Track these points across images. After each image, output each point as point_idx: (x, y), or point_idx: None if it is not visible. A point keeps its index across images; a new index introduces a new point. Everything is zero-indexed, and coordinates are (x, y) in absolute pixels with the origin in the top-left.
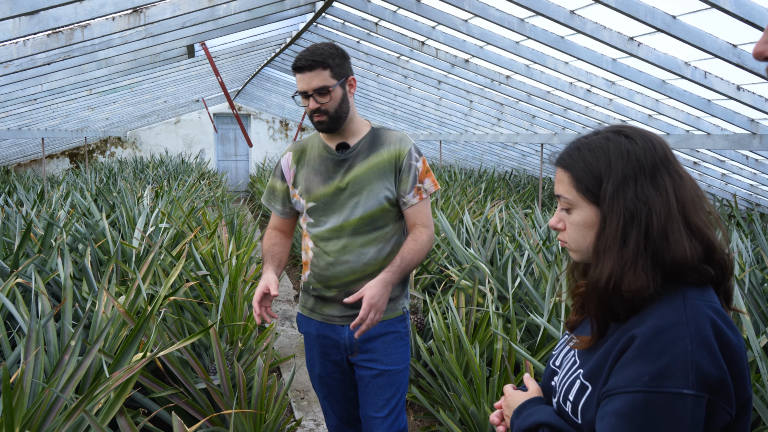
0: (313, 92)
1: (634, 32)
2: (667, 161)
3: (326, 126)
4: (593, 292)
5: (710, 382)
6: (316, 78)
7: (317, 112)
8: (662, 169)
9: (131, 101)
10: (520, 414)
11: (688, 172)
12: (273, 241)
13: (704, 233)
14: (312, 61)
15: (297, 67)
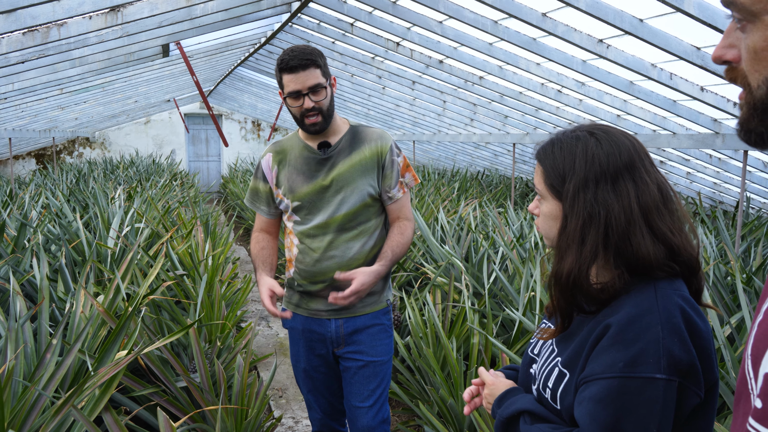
0: (309, 91)
1: (604, 35)
2: (632, 167)
3: (320, 126)
4: (555, 285)
5: (681, 366)
6: (311, 77)
7: (312, 112)
8: (626, 175)
9: (102, 101)
10: (502, 403)
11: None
12: (261, 245)
13: (668, 238)
14: (306, 60)
15: (291, 66)
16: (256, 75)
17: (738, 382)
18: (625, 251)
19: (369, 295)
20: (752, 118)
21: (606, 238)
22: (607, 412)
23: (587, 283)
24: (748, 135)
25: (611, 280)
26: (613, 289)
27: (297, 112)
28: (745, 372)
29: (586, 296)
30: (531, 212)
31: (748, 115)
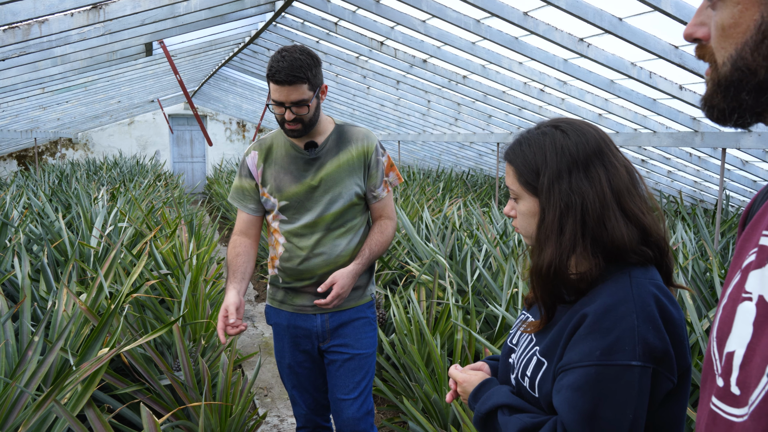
0: (291, 104)
1: (584, 33)
2: (600, 153)
3: (299, 133)
4: (537, 278)
5: (655, 353)
6: (295, 92)
7: (292, 122)
8: (596, 161)
9: (84, 101)
10: (478, 398)
11: (628, 160)
12: (237, 251)
13: (639, 219)
14: (292, 77)
15: (277, 80)
16: (240, 75)
17: (704, 364)
18: (601, 237)
19: (354, 289)
20: (716, 95)
21: (583, 225)
22: (585, 399)
23: (567, 273)
24: (711, 111)
25: (589, 269)
26: (591, 277)
27: (279, 118)
28: (710, 353)
29: (567, 286)
30: (507, 215)
31: (712, 91)
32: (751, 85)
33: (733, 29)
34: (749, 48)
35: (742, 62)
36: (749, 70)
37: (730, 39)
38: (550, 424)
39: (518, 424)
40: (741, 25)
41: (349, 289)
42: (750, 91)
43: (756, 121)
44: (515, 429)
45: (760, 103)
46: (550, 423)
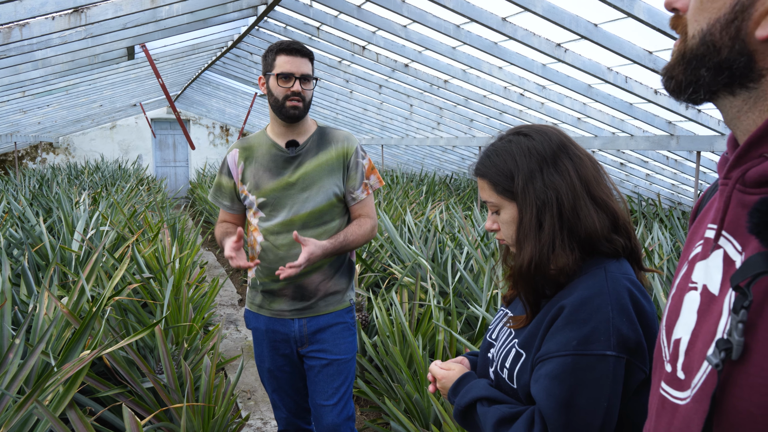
0: (301, 76)
1: (561, 39)
2: (564, 147)
3: (300, 112)
4: (519, 276)
5: (629, 344)
6: (306, 65)
7: (296, 97)
8: (562, 155)
9: (66, 104)
10: (457, 392)
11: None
12: (226, 230)
13: (608, 204)
14: (306, 50)
15: (293, 49)
16: (224, 79)
17: (655, 352)
18: (576, 227)
19: (332, 294)
20: (678, 65)
21: (560, 218)
22: (562, 388)
23: (548, 268)
24: (669, 81)
25: (566, 264)
26: (570, 270)
27: (282, 94)
28: (660, 341)
29: (547, 281)
30: (490, 230)
31: (675, 62)
32: (712, 62)
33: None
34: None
35: (710, 38)
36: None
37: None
38: (528, 413)
39: (497, 414)
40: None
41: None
42: (710, 68)
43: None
44: (494, 419)
45: (716, 81)
46: (528, 412)
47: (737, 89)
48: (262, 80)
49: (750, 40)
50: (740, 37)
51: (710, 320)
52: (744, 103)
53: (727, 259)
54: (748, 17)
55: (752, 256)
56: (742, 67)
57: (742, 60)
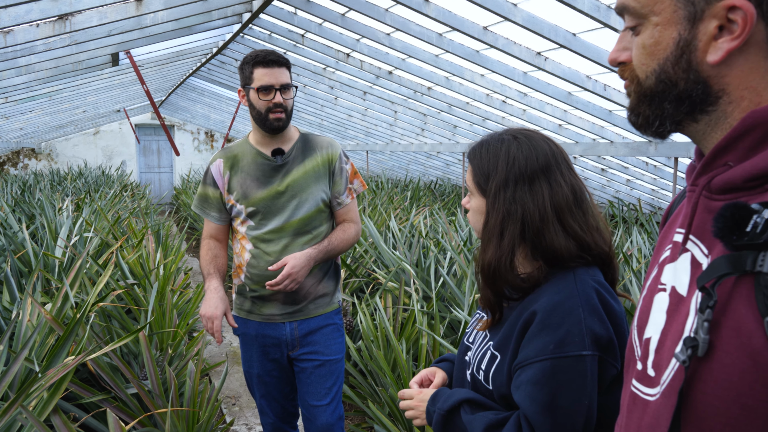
0: (281, 87)
1: (541, 47)
2: (547, 170)
3: (283, 123)
4: (481, 275)
5: (601, 342)
6: (284, 74)
7: (278, 108)
8: (541, 177)
9: (49, 110)
10: (438, 399)
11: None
12: (214, 253)
13: (578, 235)
14: (282, 59)
15: (269, 60)
16: (208, 85)
17: (627, 351)
18: (540, 245)
19: (321, 296)
20: (642, 103)
21: (522, 233)
22: (544, 392)
23: (510, 273)
24: (637, 118)
25: (533, 271)
26: (535, 279)
27: (264, 107)
28: (632, 341)
29: (510, 285)
30: (464, 206)
31: (637, 102)
32: (672, 95)
33: (655, 47)
34: (670, 62)
35: (664, 75)
36: (671, 81)
37: (652, 56)
38: (514, 418)
39: (484, 422)
40: (661, 42)
41: (303, 273)
42: (671, 101)
43: (674, 130)
44: (482, 426)
45: (679, 111)
46: (514, 417)
47: (698, 115)
48: (242, 92)
49: (702, 68)
50: (693, 68)
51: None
52: (707, 126)
53: (694, 262)
54: (694, 49)
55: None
56: (700, 93)
57: (699, 87)
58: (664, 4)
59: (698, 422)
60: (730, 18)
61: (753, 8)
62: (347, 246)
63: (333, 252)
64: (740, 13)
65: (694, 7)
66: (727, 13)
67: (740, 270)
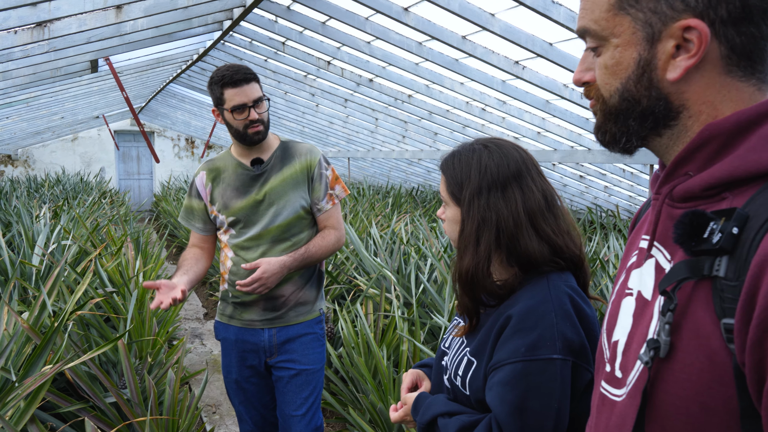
0: (253, 103)
1: (519, 56)
2: (519, 177)
3: (262, 135)
4: (458, 283)
5: (573, 346)
6: (254, 90)
7: (256, 123)
8: (513, 184)
9: (26, 117)
10: (418, 408)
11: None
12: (185, 257)
13: (552, 239)
14: (249, 74)
15: (236, 80)
16: (189, 92)
17: (597, 354)
18: (515, 250)
19: (301, 304)
20: (608, 122)
21: (497, 239)
22: (514, 394)
23: (487, 280)
24: (604, 135)
25: (509, 278)
26: (511, 285)
27: (241, 125)
28: (601, 344)
29: (487, 291)
30: (439, 217)
31: (603, 120)
32: (636, 112)
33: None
34: (632, 81)
35: (627, 93)
36: (634, 99)
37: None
38: (485, 420)
39: (457, 424)
40: (622, 63)
41: (275, 279)
42: (636, 118)
43: (640, 146)
44: (455, 428)
45: (644, 128)
46: (485, 419)
47: (662, 130)
48: (216, 112)
49: (662, 85)
50: (654, 85)
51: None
52: (669, 140)
53: (658, 267)
54: (654, 67)
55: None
56: (662, 109)
57: (661, 104)
58: (624, 27)
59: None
60: (686, 37)
61: (707, 28)
62: (327, 253)
63: (310, 259)
64: (695, 33)
65: (651, 29)
66: (683, 33)
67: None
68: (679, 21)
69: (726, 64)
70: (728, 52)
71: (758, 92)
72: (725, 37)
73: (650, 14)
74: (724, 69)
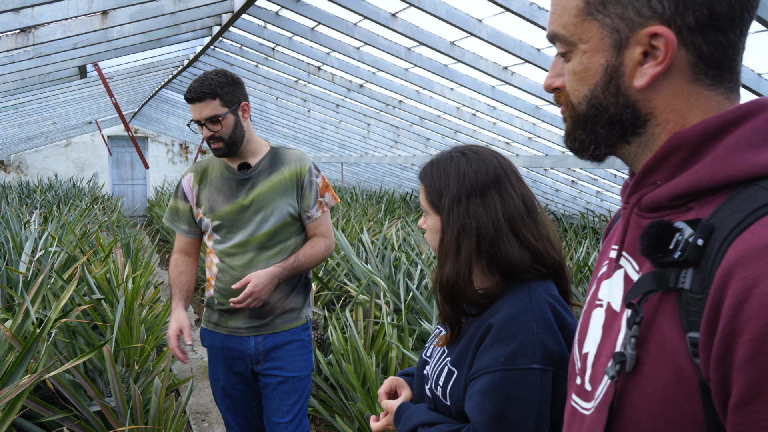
0: (205, 121)
1: (508, 62)
2: (498, 183)
3: (223, 152)
4: (439, 292)
5: (553, 356)
6: (206, 108)
7: (213, 140)
8: (492, 190)
9: (16, 122)
10: (399, 418)
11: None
12: (180, 269)
13: (532, 244)
14: (201, 93)
15: (188, 98)
16: (181, 97)
17: (569, 365)
18: (496, 257)
19: (288, 311)
20: (577, 128)
21: (478, 246)
22: (493, 403)
23: (468, 288)
24: (573, 142)
25: (490, 286)
26: (492, 293)
27: (204, 138)
28: (573, 355)
29: (469, 300)
30: (420, 227)
31: (572, 127)
32: (604, 119)
33: (584, 73)
34: (600, 88)
35: (595, 100)
36: (602, 106)
37: (582, 82)
38: (464, 430)
39: None
40: (590, 69)
41: (267, 291)
42: (604, 125)
43: (610, 153)
44: None
45: (612, 135)
46: (464, 430)
47: (630, 138)
48: None
49: (630, 92)
50: (621, 93)
51: (612, 335)
52: (638, 148)
53: (627, 278)
54: (621, 74)
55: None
56: (630, 117)
57: (628, 111)
58: (592, 32)
59: None
60: (653, 44)
61: (673, 35)
62: (316, 261)
63: (300, 268)
64: (662, 40)
65: (619, 35)
66: (650, 40)
67: (664, 287)
68: (646, 28)
69: (694, 72)
70: (696, 60)
71: (726, 101)
72: (693, 44)
73: (618, 20)
74: (692, 77)
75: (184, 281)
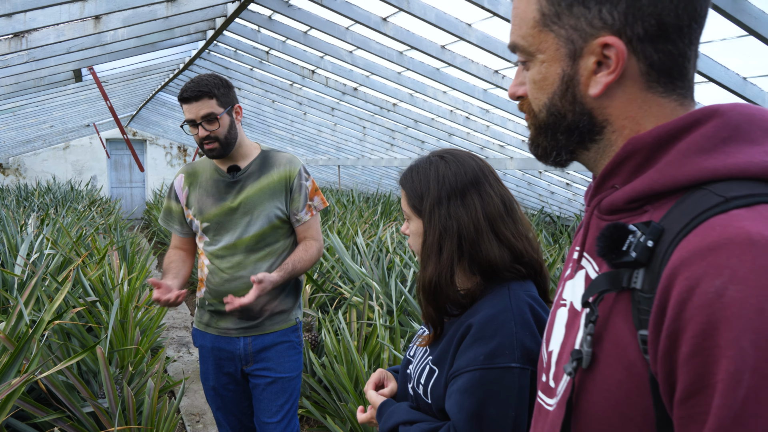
0: (202, 120)
1: (498, 66)
2: (477, 183)
3: (217, 152)
4: (422, 293)
5: (532, 355)
6: (204, 107)
7: (207, 140)
8: (472, 190)
9: (13, 126)
10: (381, 415)
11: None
12: (171, 259)
13: (511, 242)
14: (198, 92)
15: (185, 97)
16: None
17: (538, 363)
18: (477, 257)
19: (278, 313)
20: (539, 135)
21: (460, 247)
22: (472, 401)
23: (450, 289)
24: (537, 149)
25: (471, 287)
26: (473, 294)
27: (196, 139)
28: (541, 354)
29: (451, 301)
30: (403, 233)
31: (535, 134)
32: (563, 126)
33: (543, 82)
34: (558, 96)
35: (554, 108)
36: (560, 114)
37: (541, 90)
38: (444, 428)
39: None
40: (548, 78)
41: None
42: (563, 132)
43: (571, 159)
44: None
45: (571, 142)
46: (445, 427)
47: (589, 144)
48: None
49: (586, 100)
50: (578, 101)
51: (573, 334)
52: (596, 153)
53: (587, 279)
54: (577, 83)
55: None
56: (587, 124)
57: (585, 119)
58: (548, 43)
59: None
60: (605, 54)
61: (623, 45)
62: (310, 265)
63: (296, 273)
64: (613, 50)
65: (573, 45)
66: (602, 50)
67: (617, 287)
68: (597, 38)
69: (646, 80)
70: (647, 68)
71: (680, 107)
72: (643, 54)
73: (572, 31)
74: (645, 85)
75: (175, 267)
